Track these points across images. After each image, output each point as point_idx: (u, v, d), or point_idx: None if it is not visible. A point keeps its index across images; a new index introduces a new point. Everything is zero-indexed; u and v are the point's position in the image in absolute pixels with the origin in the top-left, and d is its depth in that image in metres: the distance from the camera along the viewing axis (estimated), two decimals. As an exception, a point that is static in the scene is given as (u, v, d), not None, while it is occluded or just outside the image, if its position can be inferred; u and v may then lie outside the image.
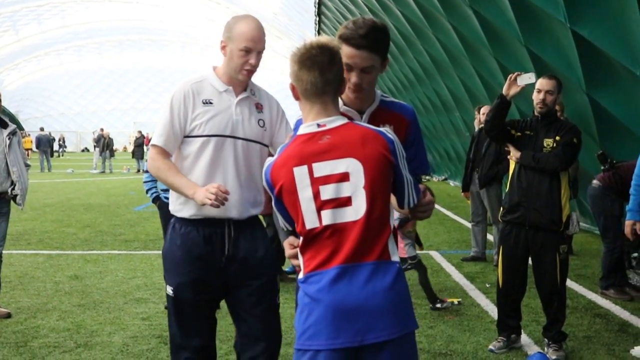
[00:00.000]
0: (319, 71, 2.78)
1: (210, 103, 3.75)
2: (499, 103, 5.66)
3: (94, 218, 14.97)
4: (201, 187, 3.66)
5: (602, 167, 8.13)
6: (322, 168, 2.74)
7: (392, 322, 2.68)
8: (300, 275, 2.83)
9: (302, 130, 2.84)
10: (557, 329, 5.88)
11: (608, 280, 7.98)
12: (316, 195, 2.73)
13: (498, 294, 6.13)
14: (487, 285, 8.36)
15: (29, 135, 53.87)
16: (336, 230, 2.72)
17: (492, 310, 7.05)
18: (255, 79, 3.92)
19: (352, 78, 3.00)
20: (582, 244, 11.25)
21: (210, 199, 3.53)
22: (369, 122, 3.01)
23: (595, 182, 8.13)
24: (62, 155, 59.51)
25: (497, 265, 6.11)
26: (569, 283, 8.23)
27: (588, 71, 9.35)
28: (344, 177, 2.72)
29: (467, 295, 7.91)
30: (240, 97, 3.81)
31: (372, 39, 2.97)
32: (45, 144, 37.15)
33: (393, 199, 2.92)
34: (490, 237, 10.91)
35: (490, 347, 5.99)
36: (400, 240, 7.38)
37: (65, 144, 64.58)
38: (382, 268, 2.71)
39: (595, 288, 8.20)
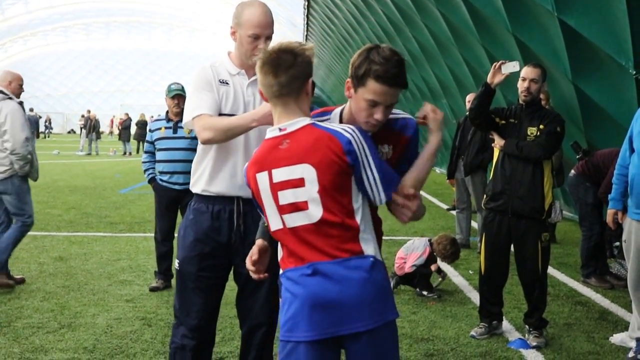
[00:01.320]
0: (272, 75, 2.83)
1: (227, 83, 3.84)
2: (484, 91, 5.69)
3: (79, 200, 14.93)
4: (210, 167, 3.81)
5: (577, 156, 8.24)
6: (280, 174, 2.82)
7: (366, 315, 2.75)
8: (281, 271, 2.94)
9: (267, 134, 2.92)
10: (538, 315, 5.94)
11: (587, 268, 8.07)
12: (276, 200, 2.84)
13: (480, 281, 6.19)
14: (471, 272, 8.42)
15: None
16: (299, 232, 2.82)
17: (475, 297, 7.11)
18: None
19: (377, 114, 2.90)
20: (565, 233, 11.34)
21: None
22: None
23: (572, 171, 8.26)
24: (48, 137, 59.15)
25: (480, 253, 6.16)
26: (551, 271, 8.31)
27: (574, 60, 9.39)
28: (299, 183, 2.79)
29: (450, 282, 7.97)
30: (252, 79, 3.86)
31: (404, 76, 2.87)
32: (33, 125, 36.84)
33: None
34: (474, 224, 10.97)
35: (472, 332, 6.05)
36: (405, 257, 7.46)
37: (52, 125, 64.20)
38: (354, 263, 2.78)
39: (577, 276, 8.28)
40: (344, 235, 2.79)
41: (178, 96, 7.46)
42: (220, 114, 3.78)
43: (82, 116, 42.21)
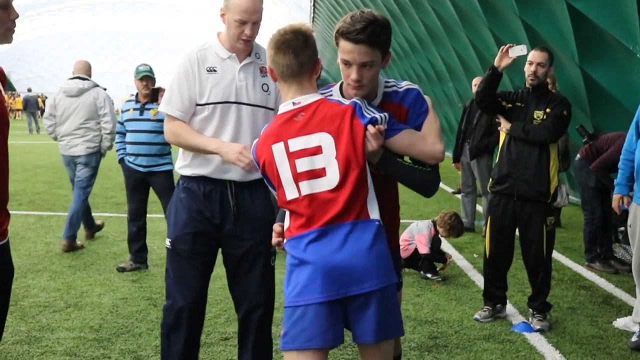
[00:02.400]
0: (293, 54, 2.97)
1: (214, 71, 3.83)
2: (490, 74, 5.68)
3: (85, 180, 14.94)
4: (198, 156, 3.83)
5: (583, 140, 8.24)
6: (296, 143, 2.95)
7: (373, 276, 2.86)
8: (285, 240, 3.03)
9: (280, 110, 3.05)
10: (541, 299, 5.96)
11: (591, 252, 8.08)
12: (293, 168, 2.95)
13: (485, 264, 6.20)
14: (475, 256, 8.44)
15: (19, 95, 53.50)
16: (314, 199, 2.92)
17: (479, 280, 7.14)
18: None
19: (352, 74, 2.98)
20: (570, 217, 11.33)
21: (243, 162, 3.69)
22: None
23: (577, 155, 8.27)
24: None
25: (485, 236, 6.17)
26: (556, 255, 8.32)
27: (582, 44, 9.35)
28: (317, 150, 2.92)
29: (455, 265, 7.99)
30: (243, 63, 3.87)
31: (371, 32, 2.91)
32: (33, 106, 36.64)
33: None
34: (479, 208, 10.98)
35: (476, 316, 6.07)
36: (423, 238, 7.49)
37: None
38: (361, 226, 2.90)
39: (582, 260, 8.29)
40: (355, 199, 2.89)
41: (146, 78, 7.56)
42: (204, 104, 3.79)
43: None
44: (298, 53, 2.97)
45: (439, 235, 7.65)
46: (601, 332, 5.80)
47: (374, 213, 2.94)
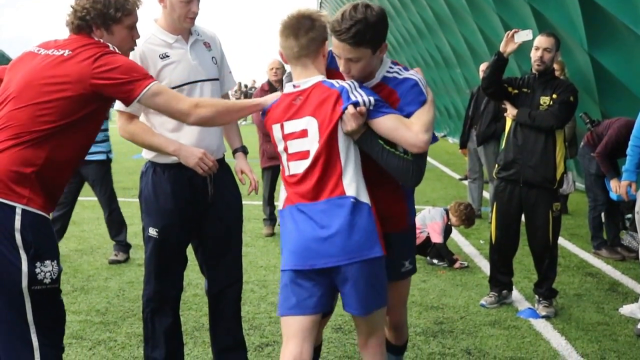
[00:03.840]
0: (293, 37, 3.13)
1: (167, 56, 3.90)
2: (496, 60, 5.65)
3: (92, 165, 14.94)
4: (176, 139, 3.84)
5: (587, 127, 8.22)
6: (290, 126, 3.16)
7: (341, 251, 3.04)
8: (281, 206, 3.27)
9: (285, 90, 3.24)
10: (547, 285, 5.95)
11: (597, 239, 8.07)
12: (286, 149, 3.19)
13: (491, 250, 6.20)
14: (481, 242, 8.43)
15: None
16: (300, 178, 3.14)
17: (485, 266, 7.13)
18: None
19: (340, 66, 3.17)
20: (577, 204, 11.29)
21: (203, 169, 3.79)
22: None
23: (582, 142, 8.27)
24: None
25: (491, 222, 6.16)
26: (562, 242, 8.31)
27: (590, 30, 9.29)
28: (303, 134, 3.12)
29: (461, 252, 7.99)
30: (190, 42, 3.97)
31: (354, 33, 3.03)
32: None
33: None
34: (486, 194, 10.96)
35: (482, 301, 6.07)
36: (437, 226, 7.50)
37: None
38: (336, 203, 3.06)
39: (588, 247, 8.27)
40: (330, 178, 3.08)
41: None
42: (171, 88, 3.72)
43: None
44: (299, 36, 3.12)
45: (450, 224, 7.64)
46: (607, 319, 5.79)
47: (350, 190, 3.07)
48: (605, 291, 6.61)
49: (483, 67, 9.59)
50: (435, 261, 7.38)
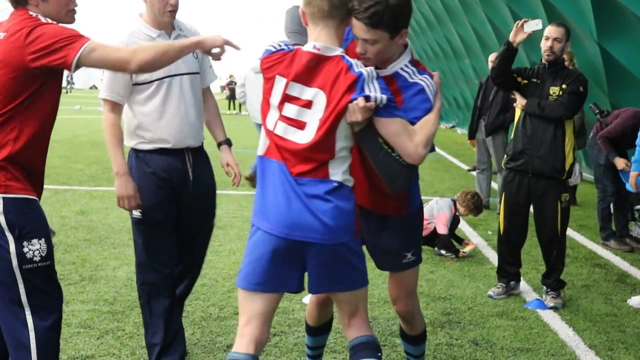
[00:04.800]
0: None
1: None
2: (505, 50, 5.63)
3: (100, 155, 14.99)
4: (156, 129, 4.07)
5: (596, 118, 8.20)
6: (295, 88, 2.99)
7: (318, 230, 2.96)
8: (259, 153, 3.14)
9: (304, 47, 3.03)
10: (555, 277, 5.94)
11: (605, 230, 8.05)
12: (280, 107, 3.02)
13: (499, 241, 6.19)
14: (489, 233, 8.42)
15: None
16: (282, 143, 3.01)
17: (493, 257, 7.12)
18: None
19: (357, 47, 3.08)
20: (585, 195, 11.27)
21: (124, 206, 4.05)
22: None
23: (591, 132, 8.25)
24: (70, 92, 59.38)
25: (499, 213, 6.15)
26: (571, 233, 8.29)
27: (600, 20, 9.25)
28: (307, 104, 2.98)
29: (468, 242, 7.97)
30: (172, 37, 4.13)
31: (372, 14, 2.94)
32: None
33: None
34: (494, 185, 10.94)
35: (490, 292, 6.06)
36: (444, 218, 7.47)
37: (73, 80, 64.32)
38: (316, 184, 2.98)
39: (597, 238, 8.25)
40: (318, 159, 2.99)
41: None
42: (148, 82, 4.02)
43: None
44: None
45: (458, 214, 7.63)
46: (615, 310, 5.78)
47: (336, 175, 3.00)
48: (614, 282, 6.60)
49: (492, 57, 9.56)
50: (443, 252, 7.37)
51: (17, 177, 3.16)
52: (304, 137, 2.98)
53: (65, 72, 3.34)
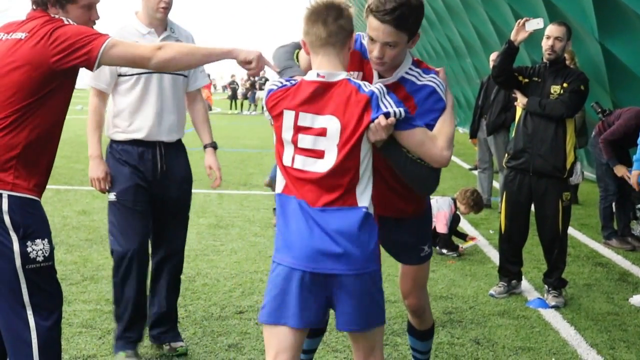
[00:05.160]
0: (322, 24, 2.91)
1: None
2: (507, 49, 5.63)
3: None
4: (134, 119, 4.34)
5: (598, 117, 8.19)
6: (306, 118, 2.91)
7: (350, 261, 2.85)
8: (277, 191, 3.06)
9: (306, 77, 2.97)
10: (557, 275, 5.94)
11: (607, 229, 8.05)
12: (295, 141, 2.93)
13: (500, 240, 6.19)
14: (491, 232, 8.42)
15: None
16: (303, 175, 2.92)
17: (494, 256, 7.12)
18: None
19: (374, 51, 3.02)
20: (587, 194, 11.27)
21: (96, 187, 4.40)
22: None
23: (593, 131, 8.25)
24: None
25: (500, 212, 6.15)
26: (572, 232, 8.28)
27: (602, 19, 9.24)
28: (322, 132, 2.89)
29: (469, 241, 7.96)
30: (162, 36, 4.35)
31: (399, 15, 2.91)
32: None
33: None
34: (496, 184, 10.94)
35: (491, 291, 6.06)
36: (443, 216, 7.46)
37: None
38: (348, 213, 2.88)
39: (598, 237, 8.25)
40: (342, 186, 2.89)
41: None
42: (130, 75, 4.28)
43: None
44: (328, 22, 2.91)
45: (458, 213, 7.62)
46: (617, 309, 5.78)
47: (363, 201, 2.92)
48: (615, 281, 6.59)
49: (493, 56, 9.56)
50: (444, 251, 7.37)
51: (26, 177, 3.18)
52: (325, 165, 2.89)
53: None
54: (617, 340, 5.11)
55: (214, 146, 4.70)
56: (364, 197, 2.92)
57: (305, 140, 2.92)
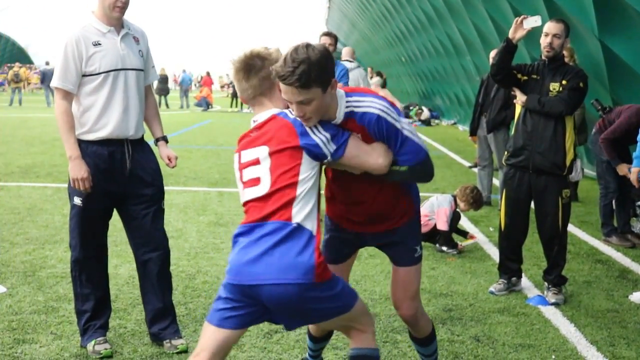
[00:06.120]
0: (245, 79, 3.26)
1: (99, 44, 4.41)
2: (505, 46, 5.63)
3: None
4: (96, 116, 4.41)
5: (598, 114, 8.19)
6: (245, 155, 3.23)
7: (265, 271, 3.03)
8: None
9: (251, 124, 3.30)
10: (557, 272, 5.94)
11: (607, 226, 8.05)
12: (241, 177, 3.25)
13: (500, 237, 6.19)
14: (491, 229, 8.42)
15: (37, 69, 53.57)
16: (252, 202, 3.18)
17: (494, 254, 7.13)
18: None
19: (294, 111, 3.15)
20: (587, 191, 11.27)
21: (79, 187, 4.37)
22: None
23: (593, 129, 8.24)
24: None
25: (500, 209, 6.15)
26: (572, 229, 8.29)
27: (601, 16, 9.24)
28: (256, 162, 3.18)
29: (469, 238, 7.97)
30: (121, 34, 4.50)
31: (300, 75, 3.00)
32: (50, 79, 36.82)
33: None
34: (496, 181, 10.94)
35: (491, 289, 6.07)
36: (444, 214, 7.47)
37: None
38: (278, 226, 3.07)
39: (598, 235, 8.26)
40: (278, 204, 3.10)
41: None
42: (96, 74, 4.38)
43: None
44: (250, 77, 3.23)
45: (459, 210, 7.63)
46: (617, 306, 5.78)
47: (298, 217, 3.08)
48: (615, 278, 6.60)
49: (493, 54, 9.55)
50: (444, 249, 7.37)
51: None
52: (262, 189, 3.14)
53: None
54: (617, 337, 5.11)
55: (166, 139, 4.90)
56: (300, 215, 3.09)
57: (246, 173, 3.21)
